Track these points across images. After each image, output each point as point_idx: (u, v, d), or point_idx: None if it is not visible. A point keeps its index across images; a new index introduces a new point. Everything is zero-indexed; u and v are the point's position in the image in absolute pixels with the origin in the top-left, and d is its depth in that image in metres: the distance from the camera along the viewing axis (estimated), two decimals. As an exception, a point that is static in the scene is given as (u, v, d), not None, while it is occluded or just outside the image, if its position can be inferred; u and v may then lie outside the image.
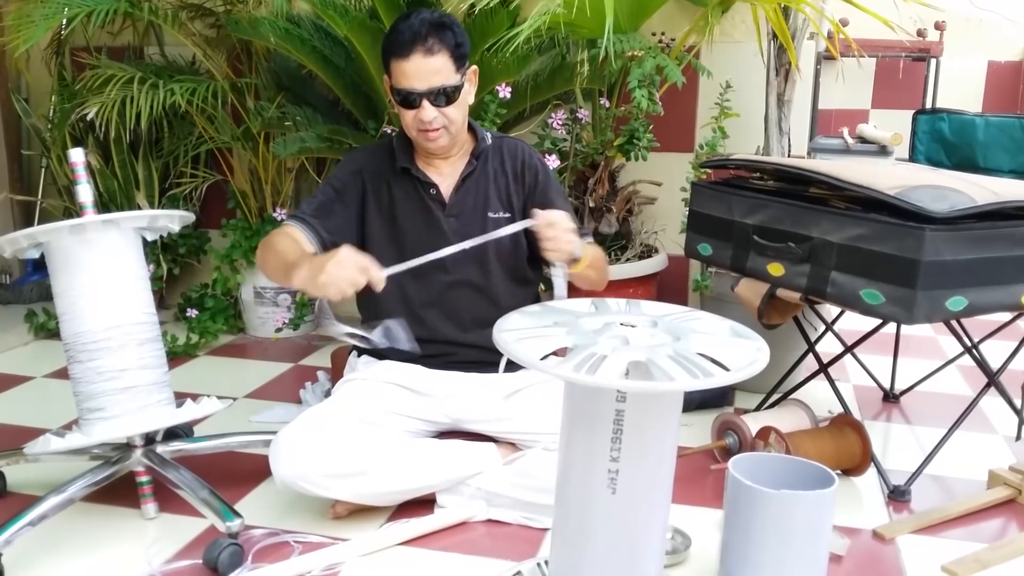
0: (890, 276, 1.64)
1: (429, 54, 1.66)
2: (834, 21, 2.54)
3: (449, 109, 1.72)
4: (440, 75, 1.68)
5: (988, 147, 2.38)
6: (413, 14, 1.70)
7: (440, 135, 1.75)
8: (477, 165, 1.85)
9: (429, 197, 1.83)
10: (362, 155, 1.90)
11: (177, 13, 2.88)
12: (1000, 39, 4.03)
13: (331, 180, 1.86)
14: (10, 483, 1.91)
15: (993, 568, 1.62)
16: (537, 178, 1.88)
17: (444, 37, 1.68)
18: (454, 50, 1.69)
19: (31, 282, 3.45)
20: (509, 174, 1.88)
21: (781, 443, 1.87)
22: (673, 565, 1.61)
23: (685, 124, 3.07)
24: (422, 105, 1.69)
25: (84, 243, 1.64)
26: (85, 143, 3.08)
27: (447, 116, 1.72)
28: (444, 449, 1.78)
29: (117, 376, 1.66)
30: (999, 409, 2.36)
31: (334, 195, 1.84)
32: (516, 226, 1.65)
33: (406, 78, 1.68)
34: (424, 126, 1.72)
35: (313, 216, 1.80)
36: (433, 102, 1.69)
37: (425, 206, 1.83)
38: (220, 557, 1.55)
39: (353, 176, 1.85)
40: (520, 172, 1.88)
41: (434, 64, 1.67)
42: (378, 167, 1.86)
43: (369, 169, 1.86)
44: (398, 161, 1.83)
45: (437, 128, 1.73)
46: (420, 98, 1.69)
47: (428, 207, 1.83)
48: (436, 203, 1.84)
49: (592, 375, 1.03)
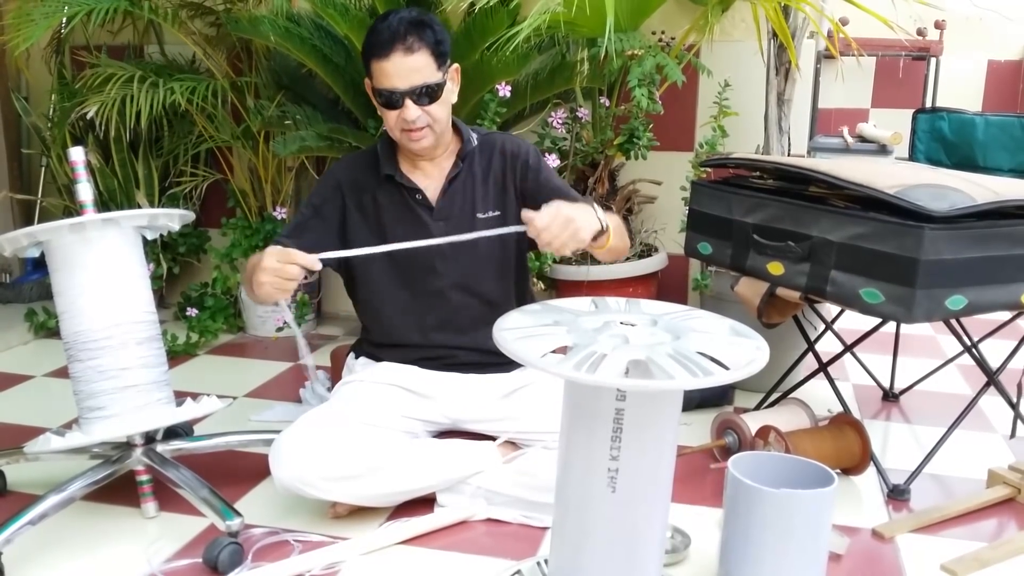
0: (890, 275, 1.64)
1: (409, 52, 1.64)
2: (834, 20, 2.54)
3: (432, 107, 1.70)
4: (421, 73, 1.66)
5: (988, 146, 2.38)
6: (391, 13, 1.68)
7: (424, 135, 1.73)
8: (463, 167, 1.83)
9: (416, 202, 1.82)
10: (342, 168, 1.88)
11: (177, 12, 2.88)
12: (1000, 38, 4.04)
13: (311, 197, 1.87)
14: (10, 482, 1.91)
15: (992, 567, 1.62)
16: (528, 163, 1.85)
17: (424, 35, 1.66)
18: (434, 47, 1.67)
19: (31, 281, 3.45)
20: (497, 170, 1.85)
21: (781, 442, 1.88)
22: (673, 564, 1.61)
23: (685, 123, 3.07)
24: (405, 104, 1.67)
25: (84, 242, 1.64)
26: (85, 142, 3.08)
27: (431, 115, 1.70)
28: (444, 449, 1.79)
29: (117, 375, 1.66)
30: (998, 408, 2.36)
31: (312, 213, 1.84)
32: (504, 230, 1.64)
33: (387, 78, 1.66)
34: (408, 126, 1.70)
35: (288, 236, 1.80)
36: (416, 101, 1.67)
37: (412, 212, 1.82)
38: (220, 556, 1.55)
39: (332, 191, 1.84)
40: (511, 163, 1.85)
41: (415, 62, 1.65)
42: (359, 178, 1.84)
43: (348, 181, 1.84)
44: (382, 169, 1.81)
45: (421, 127, 1.71)
46: (402, 97, 1.67)
47: (415, 213, 1.82)
48: (423, 208, 1.82)
49: (592, 374, 1.03)
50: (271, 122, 2.90)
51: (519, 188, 1.85)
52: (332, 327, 3.26)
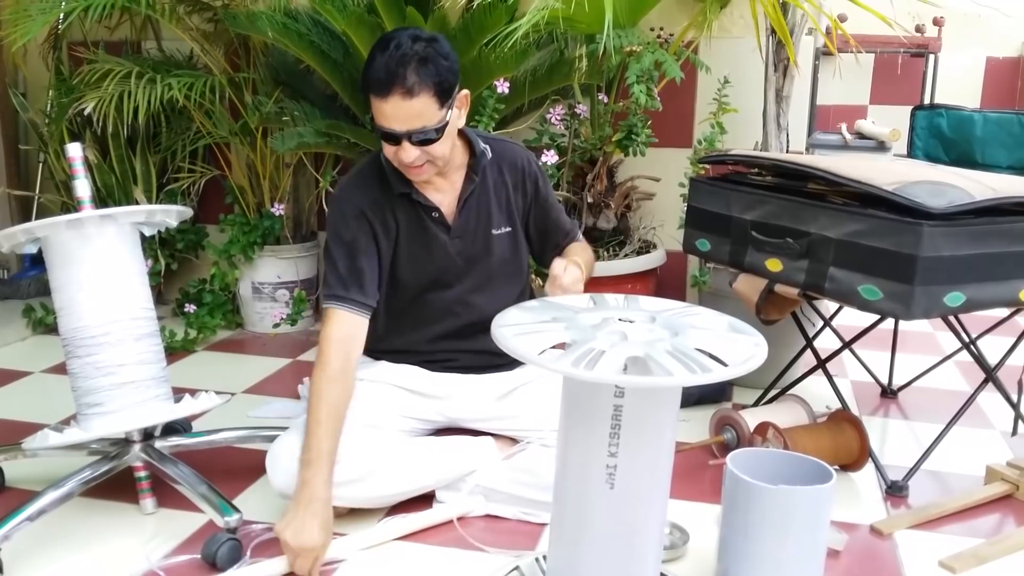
0: (888, 272, 1.64)
1: (409, 96, 1.53)
2: (832, 17, 2.54)
3: (432, 147, 1.61)
4: (421, 118, 1.56)
5: (986, 143, 2.38)
6: (392, 43, 1.55)
7: (424, 170, 1.65)
8: (477, 182, 1.77)
9: (432, 221, 1.76)
10: (355, 194, 1.75)
11: (175, 7, 2.87)
12: (998, 35, 4.04)
13: (339, 236, 1.72)
14: (8, 478, 1.91)
15: (991, 563, 1.62)
16: (537, 187, 1.85)
17: (425, 74, 1.54)
18: (437, 87, 1.55)
19: (29, 277, 3.44)
20: (509, 185, 1.82)
21: (779, 439, 1.88)
22: (671, 560, 1.61)
23: (683, 120, 3.07)
24: (403, 145, 1.59)
25: (82, 238, 1.64)
26: (83, 138, 3.07)
27: (430, 154, 1.62)
28: (443, 447, 1.79)
29: (115, 371, 1.66)
30: (997, 405, 2.36)
31: (352, 252, 1.72)
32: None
33: (385, 119, 1.57)
34: (405, 164, 1.63)
35: (347, 290, 1.70)
36: (413, 143, 1.59)
37: (429, 230, 1.76)
38: (219, 552, 1.55)
39: (358, 220, 1.72)
40: (520, 182, 1.83)
41: (415, 107, 1.54)
42: (375, 198, 1.74)
43: (369, 204, 1.73)
44: (395, 187, 1.72)
45: (420, 165, 1.63)
46: (400, 139, 1.58)
47: (432, 232, 1.76)
48: (440, 226, 1.76)
49: (590, 370, 1.03)
50: (269, 118, 2.89)
51: (527, 204, 1.85)
52: (330, 323, 3.26)
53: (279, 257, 3.11)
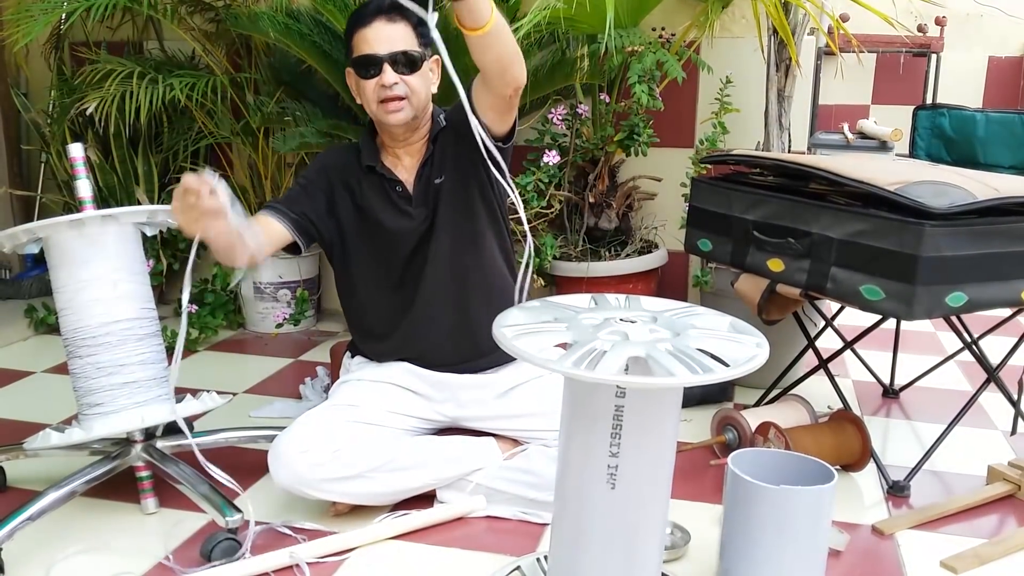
0: (890, 272, 1.64)
1: (391, 21, 1.69)
2: (834, 17, 2.53)
3: (411, 78, 1.70)
4: (402, 41, 1.69)
5: (988, 143, 2.37)
6: None
7: (402, 106, 1.71)
8: (434, 149, 1.82)
9: (396, 195, 1.82)
10: (330, 154, 1.90)
11: (176, 8, 2.87)
12: (1000, 35, 4.03)
13: (298, 178, 1.88)
14: (10, 478, 1.91)
15: (992, 563, 1.62)
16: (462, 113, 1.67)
17: (406, 13, 1.69)
18: (416, 27, 1.70)
19: (31, 277, 3.45)
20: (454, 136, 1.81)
21: (780, 439, 1.88)
22: (672, 560, 1.61)
23: (685, 120, 3.07)
24: (383, 70, 1.68)
25: (83, 238, 1.64)
26: (84, 138, 3.08)
27: (409, 85, 1.70)
28: (444, 447, 1.79)
29: (116, 371, 1.66)
30: (998, 405, 2.36)
31: (300, 190, 1.84)
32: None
33: (367, 44, 1.68)
34: (385, 94, 1.69)
35: (278, 203, 1.81)
36: (394, 67, 1.68)
37: (395, 204, 1.82)
38: (214, 550, 1.57)
39: (318, 174, 1.85)
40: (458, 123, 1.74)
41: (396, 31, 1.69)
42: (345, 163, 1.85)
43: (335, 166, 1.85)
44: (364, 159, 1.82)
45: (399, 97, 1.70)
46: (382, 62, 1.68)
47: (398, 204, 1.82)
48: (403, 199, 1.82)
49: (592, 371, 1.03)
50: (271, 118, 2.90)
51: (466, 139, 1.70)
52: (331, 323, 3.26)
53: (280, 257, 3.11)
